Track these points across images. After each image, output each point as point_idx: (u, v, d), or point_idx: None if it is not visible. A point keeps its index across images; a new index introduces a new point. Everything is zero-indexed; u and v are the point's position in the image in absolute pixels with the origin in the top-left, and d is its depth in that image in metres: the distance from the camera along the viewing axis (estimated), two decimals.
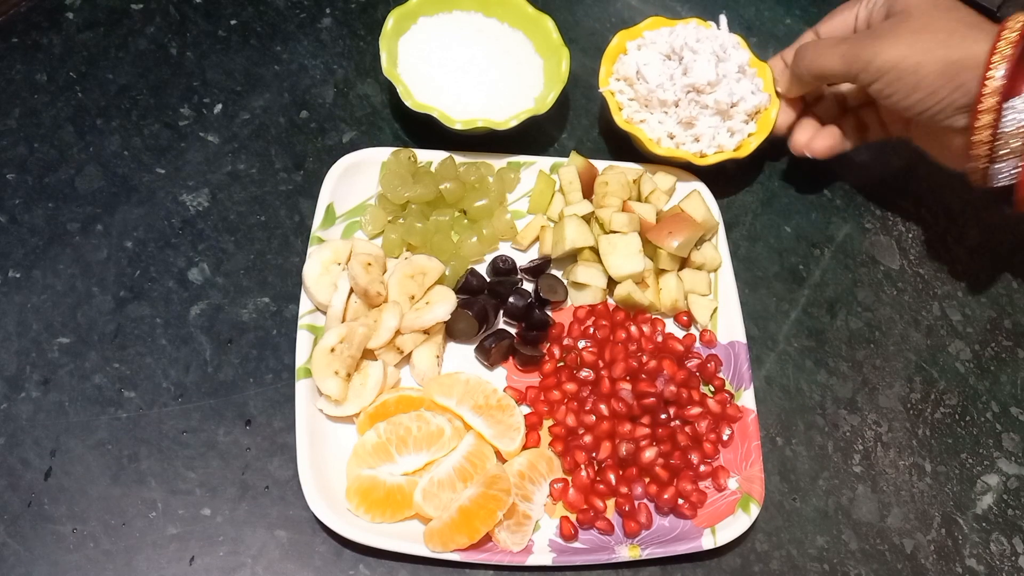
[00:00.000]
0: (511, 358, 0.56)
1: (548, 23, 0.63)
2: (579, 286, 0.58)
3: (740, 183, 0.67)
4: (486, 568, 0.50)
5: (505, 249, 0.60)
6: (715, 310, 0.59)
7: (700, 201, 0.60)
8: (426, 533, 0.48)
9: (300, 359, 0.53)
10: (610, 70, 0.64)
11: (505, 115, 0.60)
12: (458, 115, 0.59)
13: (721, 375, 0.56)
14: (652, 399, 0.53)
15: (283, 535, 0.50)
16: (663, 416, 0.54)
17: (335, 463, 0.51)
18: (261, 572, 0.49)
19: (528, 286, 0.59)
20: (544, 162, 0.62)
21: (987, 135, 0.51)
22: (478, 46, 0.64)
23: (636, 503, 0.52)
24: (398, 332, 0.54)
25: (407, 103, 0.59)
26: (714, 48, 0.61)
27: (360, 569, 0.50)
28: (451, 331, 0.56)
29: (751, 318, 0.60)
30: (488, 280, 0.58)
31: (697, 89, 0.60)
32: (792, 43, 0.63)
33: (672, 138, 0.62)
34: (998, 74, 0.49)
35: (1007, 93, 0.50)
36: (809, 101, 0.65)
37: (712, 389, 0.57)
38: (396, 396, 0.53)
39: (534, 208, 0.61)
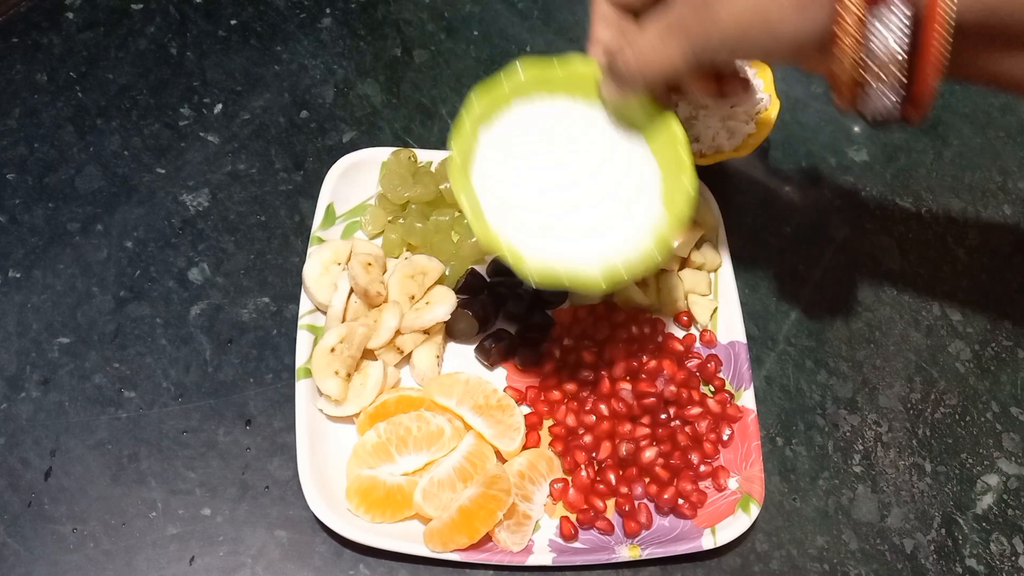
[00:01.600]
0: (511, 358, 0.56)
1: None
2: None
3: (740, 183, 0.67)
4: (486, 568, 0.50)
5: None
6: (715, 310, 0.59)
7: (700, 201, 0.60)
8: (426, 533, 0.48)
9: (300, 359, 0.53)
10: None
11: (596, 266, 0.44)
12: (532, 258, 0.44)
13: (721, 375, 0.56)
14: (652, 399, 0.53)
15: (283, 535, 0.50)
16: (663, 416, 0.54)
17: (335, 463, 0.51)
18: (261, 572, 0.49)
19: (528, 286, 0.59)
20: None
21: (851, 62, 0.36)
22: (575, 154, 0.47)
23: (636, 503, 0.52)
24: (398, 332, 0.54)
25: (475, 230, 0.44)
26: None
27: (360, 569, 0.50)
28: (451, 331, 0.56)
29: (751, 318, 0.60)
30: (488, 280, 0.58)
31: None
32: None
33: None
34: None
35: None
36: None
37: (712, 389, 0.57)
38: (396, 396, 0.53)
39: None
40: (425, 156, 0.60)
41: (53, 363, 0.54)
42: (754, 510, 0.51)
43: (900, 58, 0.36)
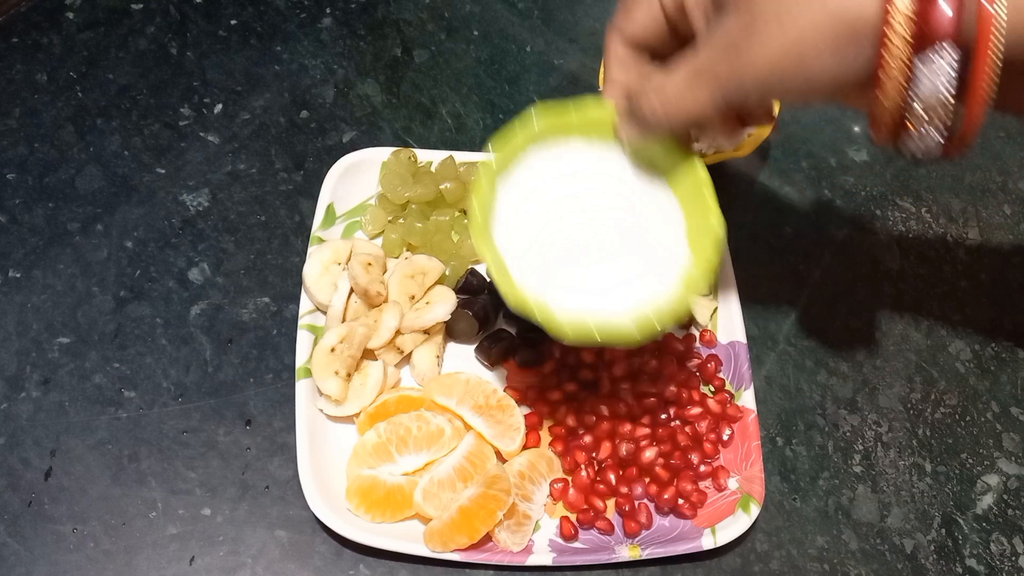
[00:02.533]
0: (511, 358, 0.56)
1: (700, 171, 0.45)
2: None
3: (740, 183, 0.67)
4: (486, 568, 0.50)
5: None
6: (715, 310, 0.59)
7: None
8: (426, 533, 0.48)
9: (300, 359, 0.53)
10: None
11: (623, 312, 0.43)
12: (565, 315, 0.43)
13: (721, 375, 0.56)
14: (652, 399, 0.53)
15: (283, 535, 0.50)
16: (663, 416, 0.54)
17: (335, 463, 0.51)
18: (261, 572, 0.49)
19: None
20: None
21: (894, 105, 0.36)
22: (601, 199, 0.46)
23: (636, 503, 0.52)
24: (398, 332, 0.54)
25: (503, 293, 0.43)
26: None
27: (360, 569, 0.50)
28: (451, 331, 0.56)
29: (751, 318, 0.60)
30: (488, 280, 0.58)
31: None
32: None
33: None
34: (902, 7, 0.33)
35: (919, 40, 0.33)
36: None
37: (712, 389, 0.57)
38: (396, 396, 0.53)
39: None
40: (425, 156, 0.60)
41: (53, 363, 0.54)
42: (754, 510, 0.51)
43: (947, 101, 0.35)
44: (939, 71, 0.34)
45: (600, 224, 0.46)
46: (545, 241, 0.45)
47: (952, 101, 0.35)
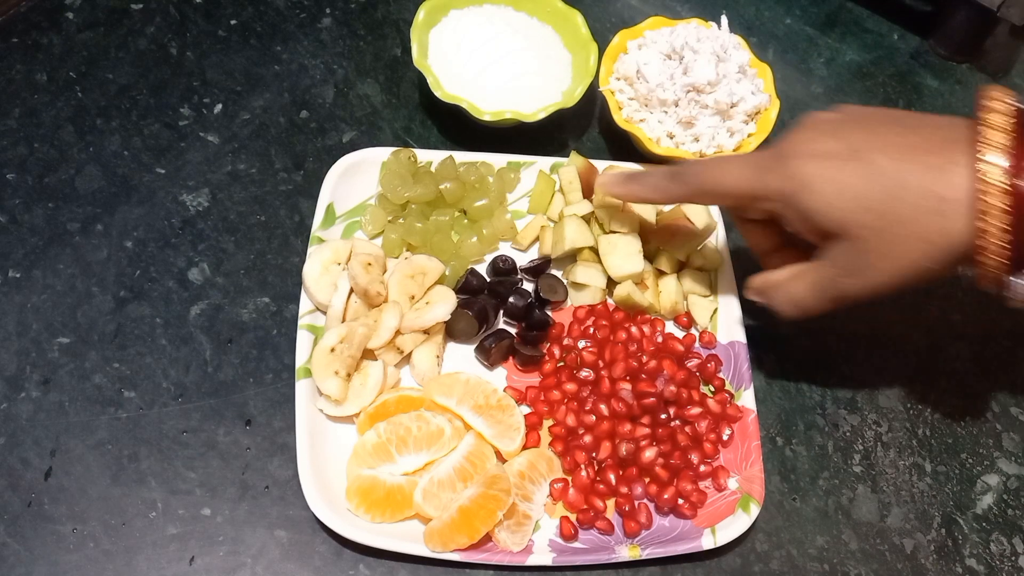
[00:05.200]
0: (511, 358, 0.56)
1: (578, 18, 0.64)
2: (579, 286, 0.58)
3: None
4: (486, 568, 0.50)
5: (505, 249, 0.60)
6: (715, 310, 0.59)
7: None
8: (426, 533, 0.48)
9: (300, 359, 0.53)
10: (610, 69, 0.64)
11: (533, 108, 0.60)
12: (486, 107, 0.60)
13: (721, 375, 0.56)
14: (652, 399, 0.53)
15: (283, 535, 0.50)
16: (663, 416, 0.54)
17: (335, 463, 0.51)
18: (261, 572, 0.49)
19: (528, 286, 0.59)
20: (544, 162, 0.62)
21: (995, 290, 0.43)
22: (507, 39, 0.64)
23: (636, 503, 0.52)
24: (398, 332, 0.54)
25: (436, 93, 0.59)
26: (715, 48, 0.61)
27: (360, 569, 0.50)
28: (451, 331, 0.56)
29: (751, 318, 0.60)
30: (488, 280, 0.58)
31: (697, 89, 0.60)
32: (793, 42, 0.60)
33: (672, 138, 0.62)
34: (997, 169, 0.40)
35: (1013, 266, 0.41)
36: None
37: (712, 389, 0.57)
38: (396, 396, 0.53)
39: (534, 208, 0.61)
40: (425, 156, 0.60)
41: (53, 363, 0.54)
42: (754, 510, 0.51)
43: None
44: None
45: (511, 55, 0.63)
46: (468, 66, 0.62)
47: None
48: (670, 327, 0.59)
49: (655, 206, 0.60)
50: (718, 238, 0.61)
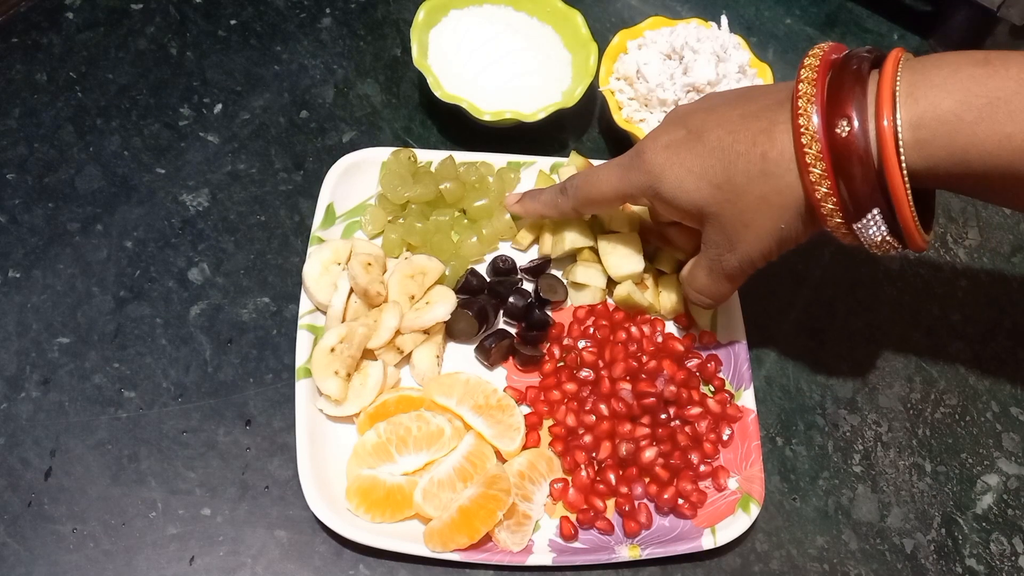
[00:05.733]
0: (511, 358, 0.56)
1: (578, 18, 0.64)
2: (579, 286, 0.58)
3: None
4: (486, 568, 0.50)
5: (505, 249, 0.60)
6: (715, 311, 0.59)
7: None
8: (426, 533, 0.48)
9: (300, 359, 0.53)
10: (610, 69, 0.64)
11: (532, 108, 0.61)
12: (486, 107, 0.60)
13: (721, 375, 0.56)
14: (652, 399, 0.53)
15: (283, 535, 0.50)
16: (663, 416, 0.54)
17: (335, 463, 0.51)
18: (261, 572, 0.49)
19: (528, 286, 0.59)
20: (544, 162, 0.62)
21: (852, 242, 0.44)
22: (507, 39, 0.64)
23: (636, 503, 0.52)
24: (398, 332, 0.54)
25: (436, 93, 0.60)
26: (714, 48, 0.61)
27: (360, 569, 0.50)
28: (451, 331, 0.56)
29: (751, 318, 0.60)
30: (488, 280, 0.58)
31: (697, 89, 0.60)
32: (793, 42, 0.61)
33: None
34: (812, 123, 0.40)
35: (850, 217, 0.41)
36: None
37: (712, 389, 0.57)
38: (396, 396, 0.53)
39: None
40: (425, 156, 0.60)
41: (53, 363, 0.54)
42: (754, 510, 0.51)
43: (890, 241, 0.42)
44: (873, 228, 0.41)
45: (511, 54, 0.63)
46: (468, 65, 0.62)
47: (893, 240, 0.42)
48: (670, 327, 0.59)
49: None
50: None
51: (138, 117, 0.63)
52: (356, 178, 0.59)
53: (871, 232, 0.42)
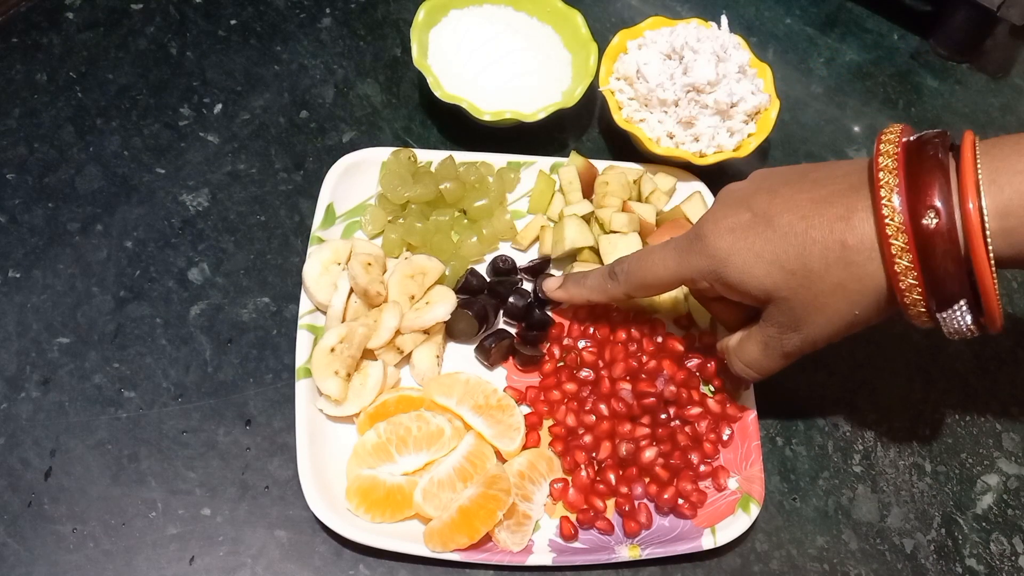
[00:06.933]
0: (511, 358, 0.56)
1: (578, 18, 0.64)
2: None
3: None
4: (486, 568, 0.50)
5: (505, 249, 0.60)
6: None
7: (701, 203, 0.60)
8: (426, 533, 0.48)
9: (300, 359, 0.53)
10: (610, 69, 0.64)
11: (532, 108, 0.61)
12: (486, 107, 0.60)
13: (721, 375, 0.56)
14: (652, 399, 0.53)
15: (283, 535, 0.50)
16: (663, 416, 0.54)
17: (335, 463, 0.51)
18: (261, 572, 0.49)
19: (528, 286, 0.59)
20: (544, 162, 0.62)
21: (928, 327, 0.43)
22: (507, 39, 0.64)
23: (636, 503, 0.52)
24: (398, 332, 0.54)
25: (436, 93, 0.60)
26: (714, 48, 0.61)
27: (360, 569, 0.50)
28: (451, 331, 0.56)
29: None
30: (488, 280, 0.58)
31: (697, 89, 0.60)
32: (793, 42, 0.61)
33: (672, 138, 0.62)
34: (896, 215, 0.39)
35: (937, 306, 0.41)
36: None
37: (712, 389, 0.57)
38: (396, 396, 0.53)
39: (534, 208, 0.61)
40: (425, 156, 0.60)
41: (53, 363, 0.54)
42: (754, 510, 0.51)
43: (971, 329, 0.42)
44: (959, 317, 0.41)
45: (511, 55, 0.63)
46: (468, 65, 0.63)
47: (974, 328, 0.41)
48: (670, 327, 0.59)
49: (655, 207, 0.60)
50: None
51: (138, 117, 0.63)
52: (356, 178, 0.59)
53: (956, 322, 0.41)
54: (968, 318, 0.41)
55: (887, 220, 0.39)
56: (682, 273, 0.48)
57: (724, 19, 0.65)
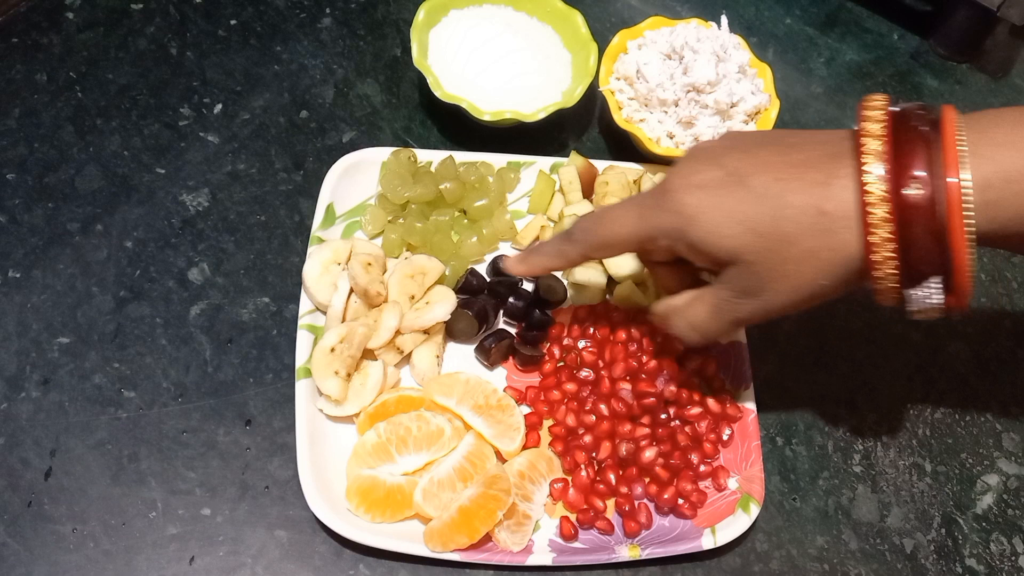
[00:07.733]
0: (511, 358, 0.56)
1: (578, 18, 0.64)
2: (579, 286, 0.58)
3: None
4: (486, 568, 0.50)
5: (505, 249, 0.60)
6: None
7: None
8: (426, 533, 0.48)
9: (300, 359, 0.53)
10: (610, 69, 0.64)
11: (532, 108, 0.61)
12: (486, 107, 0.60)
13: (721, 375, 0.56)
14: (652, 399, 0.53)
15: (283, 535, 0.50)
16: (663, 416, 0.54)
17: (335, 463, 0.51)
18: (261, 572, 0.49)
19: (528, 286, 0.59)
20: (544, 162, 0.62)
21: (894, 303, 0.42)
22: (507, 39, 0.64)
23: (636, 503, 0.52)
24: (398, 332, 0.54)
25: (436, 93, 0.60)
26: (714, 48, 0.61)
27: (360, 569, 0.50)
28: (451, 331, 0.56)
29: None
30: (488, 280, 0.58)
31: (697, 89, 0.60)
32: (793, 42, 0.61)
33: (671, 137, 0.62)
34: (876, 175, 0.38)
35: (906, 281, 0.40)
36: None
37: (712, 389, 0.57)
38: (396, 396, 0.53)
39: (534, 208, 0.61)
40: (425, 156, 0.60)
41: (53, 363, 0.54)
42: (754, 510, 0.51)
43: (938, 304, 0.40)
44: (925, 294, 0.40)
45: (511, 54, 0.63)
46: (468, 65, 0.63)
47: (942, 302, 0.40)
48: None
49: None
50: None
51: (138, 117, 0.63)
52: (356, 178, 0.59)
53: (925, 298, 0.40)
54: (940, 296, 0.39)
55: (869, 189, 0.38)
56: (643, 230, 0.45)
57: (724, 19, 0.65)
